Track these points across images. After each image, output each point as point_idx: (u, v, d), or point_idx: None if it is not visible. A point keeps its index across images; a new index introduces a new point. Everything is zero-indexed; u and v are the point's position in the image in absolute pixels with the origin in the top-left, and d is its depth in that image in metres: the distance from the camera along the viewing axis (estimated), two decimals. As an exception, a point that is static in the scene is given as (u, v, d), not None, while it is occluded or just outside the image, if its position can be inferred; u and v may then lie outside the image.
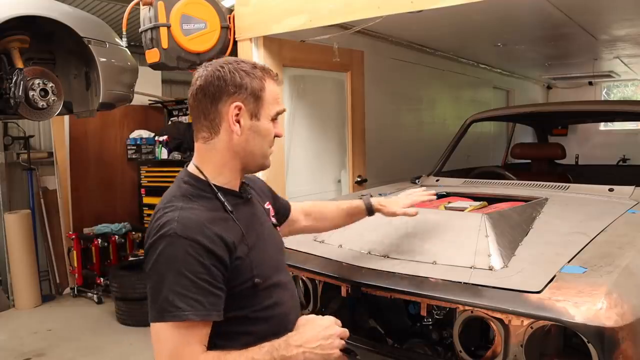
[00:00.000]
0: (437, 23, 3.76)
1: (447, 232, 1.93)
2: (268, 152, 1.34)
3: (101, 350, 4.08)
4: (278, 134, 1.35)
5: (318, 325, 1.25)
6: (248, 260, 1.25)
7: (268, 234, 1.41)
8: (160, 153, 5.58)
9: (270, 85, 1.30)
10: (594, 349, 1.38)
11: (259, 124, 1.29)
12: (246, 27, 3.09)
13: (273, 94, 1.30)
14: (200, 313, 1.13)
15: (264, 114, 1.29)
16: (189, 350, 1.13)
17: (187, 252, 1.14)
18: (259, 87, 1.27)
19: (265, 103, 1.29)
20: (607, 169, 4.70)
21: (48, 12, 2.85)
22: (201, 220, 1.18)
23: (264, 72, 1.29)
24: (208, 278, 1.15)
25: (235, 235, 1.23)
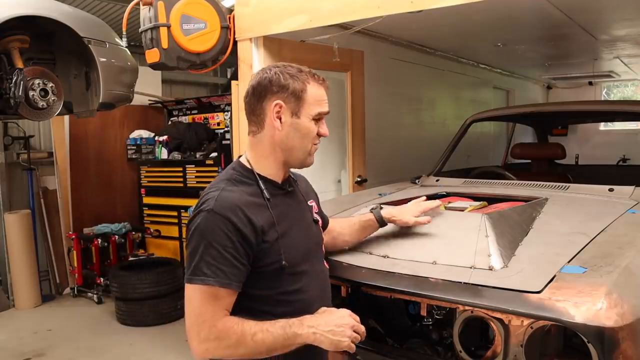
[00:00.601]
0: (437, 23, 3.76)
1: (447, 232, 1.93)
2: (309, 149, 1.45)
3: (101, 350, 4.08)
4: (322, 134, 1.46)
5: (335, 314, 1.36)
6: (277, 244, 1.37)
7: (305, 225, 1.53)
8: (160, 153, 5.59)
9: (313, 88, 1.42)
10: (594, 349, 1.38)
11: (299, 121, 1.42)
12: (246, 27, 3.09)
13: (315, 96, 1.42)
14: (222, 281, 1.29)
15: (304, 112, 1.41)
16: (211, 311, 1.28)
17: (219, 227, 1.30)
18: (300, 88, 1.40)
19: (306, 103, 1.41)
20: (607, 169, 4.70)
21: (48, 12, 2.85)
22: (236, 202, 1.34)
23: (308, 75, 1.43)
24: (233, 252, 1.30)
25: (266, 220, 1.37)
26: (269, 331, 1.28)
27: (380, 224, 1.87)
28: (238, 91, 3.16)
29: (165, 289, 4.55)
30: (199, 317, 1.29)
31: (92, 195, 5.66)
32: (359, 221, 1.87)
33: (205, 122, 5.54)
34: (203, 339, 1.29)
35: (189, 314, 1.31)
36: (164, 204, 5.59)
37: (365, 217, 1.87)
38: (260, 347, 1.28)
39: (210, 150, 5.21)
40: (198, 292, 1.30)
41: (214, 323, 1.28)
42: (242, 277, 1.33)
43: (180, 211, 5.38)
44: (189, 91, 6.78)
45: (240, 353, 1.29)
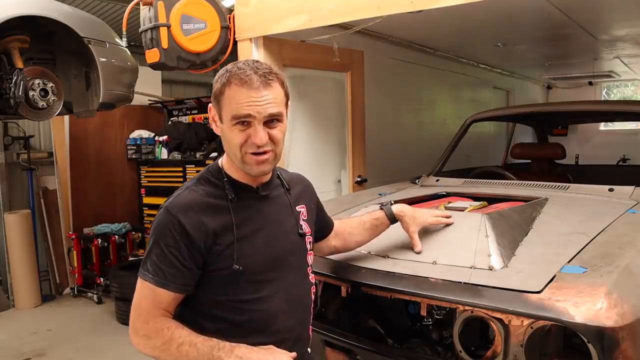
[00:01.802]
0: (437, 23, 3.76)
1: (447, 232, 1.93)
2: (242, 156, 1.30)
3: (101, 350, 4.08)
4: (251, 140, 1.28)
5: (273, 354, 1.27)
6: (231, 248, 1.31)
7: (278, 233, 1.42)
8: (160, 153, 5.59)
9: (232, 89, 1.27)
10: (594, 349, 1.38)
11: (223, 127, 1.33)
12: (246, 27, 3.09)
13: (232, 98, 1.27)
14: (159, 280, 1.27)
15: (224, 117, 1.30)
16: (147, 307, 1.28)
17: (168, 226, 1.28)
18: (219, 90, 1.30)
19: (224, 107, 1.29)
20: (607, 169, 4.70)
21: (48, 12, 2.85)
22: (191, 203, 1.31)
23: (231, 74, 1.28)
24: (176, 253, 1.27)
25: (223, 223, 1.31)
26: (196, 347, 1.22)
27: (391, 221, 1.79)
28: (238, 91, 3.16)
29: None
30: (136, 310, 1.30)
31: (92, 195, 5.66)
32: (369, 220, 1.78)
33: (205, 122, 5.54)
34: (134, 332, 1.29)
35: (133, 303, 1.32)
36: (164, 204, 5.59)
37: (376, 215, 1.79)
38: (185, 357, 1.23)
39: (210, 150, 5.21)
40: (141, 285, 1.30)
41: (147, 319, 1.28)
42: (184, 279, 1.29)
43: (180, 211, 5.38)
44: (189, 91, 6.78)
45: (165, 357, 1.26)
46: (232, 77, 1.27)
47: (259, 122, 1.27)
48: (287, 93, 1.36)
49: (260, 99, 1.26)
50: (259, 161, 1.31)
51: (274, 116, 1.30)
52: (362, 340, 1.91)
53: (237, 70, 1.28)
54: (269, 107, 1.28)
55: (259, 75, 1.27)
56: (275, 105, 1.29)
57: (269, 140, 1.30)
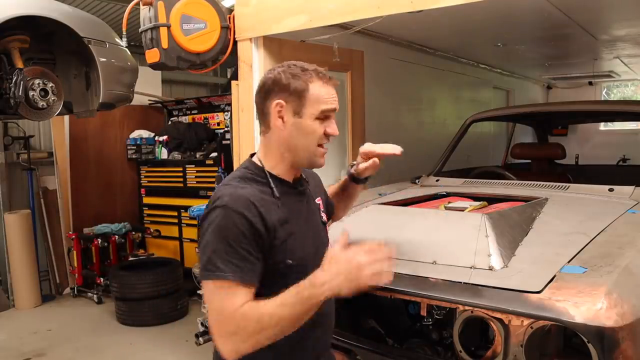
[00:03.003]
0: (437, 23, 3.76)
1: (447, 232, 1.93)
2: (313, 149, 1.42)
3: (101, 350, 4.08)
4: (329, 133, 1.42)
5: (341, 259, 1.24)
6: (286, 243, 1.36)
7: (314, 226, 1.52)
8: (160, 153, 5.59)
9: (316, 86, 1.39)
10: (594, 349, 1.38)
11: (302, 121, 1.39)
12: (246, 27, 3.09)
13: (318, 94, 1.39)
14: (238, 275, 1.26)
15: (307, 112, 1.39)
16: (230, 306, 1.25)
17: (234, 222, 1.28)
18: (302, 87, 1.38)
19: (308, 102, 1.38)
20: (607, 169, 4.70)
21: (48, 12, 2.85)
22: (250, 198, 1.33)
23: (312, 73, 1.40)
24: (247, 247, 1.29)
25: (277, 218, 1.36)
26: (285, 305, 1.23)
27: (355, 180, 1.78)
28: (238, 91, 3.16)
29: (165, 289, 4.55)
30: (219, 315, 1.26)
31: (92, 195, 5.66)
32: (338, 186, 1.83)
33: (205, 122, 5.54)
34: (224, 339, 1.26)
35: (211, 312, 1.29)
36: (164, 204, 5.59)
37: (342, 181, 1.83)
38: (283, 323, 1.24)
39: (210, 150, 5.22)
40: (216, 288, 1.27)
41: (232, 316, 1.24)
42: (257, 272, 1.31)
43: (180, 211, 5.38)
44: (189, 91, 6.78)
45: (266, 337, 1.24)
46: (313, 76, 1.39)
47: (334, 116, 1.43)
48: None
49: (335, 96, 1.43)
50: (324, 153, 1.44)
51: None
52: (362, 340, 1.91)
53: (316, 69, 1.41)
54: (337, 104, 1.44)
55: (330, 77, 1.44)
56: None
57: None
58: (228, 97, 4.84)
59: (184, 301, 4.75)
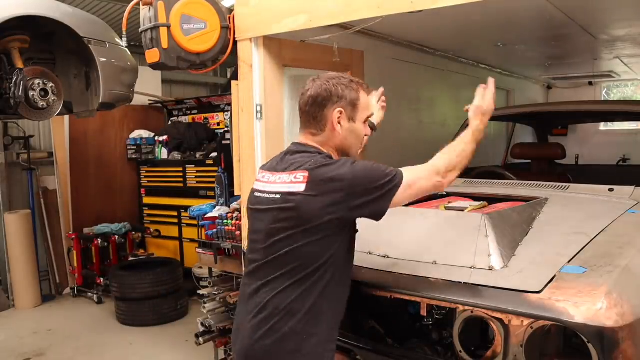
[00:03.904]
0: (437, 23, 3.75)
1: (447, 232, 1.93)
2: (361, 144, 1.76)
3: (101, 350, 4.08)
4: (368, 133, 1.77)
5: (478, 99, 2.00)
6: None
7: None
8: (160, 153, 5.59)
9: (363, 95, 1.71)
10: (594, 349, 1.38)
11: (355, 125, 1.69)
12: (246, 27, 3.08)
13: (365, 102, 1.71)
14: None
15: (358, 117, 1.69)
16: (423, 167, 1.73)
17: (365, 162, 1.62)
18: (355, 97, 1.68)
19: (360, 109, 1.69)
20: (607, 169, 4.70)
21: (48, 12, 2.84)
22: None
23: (358, 85, 1.70)
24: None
25: None
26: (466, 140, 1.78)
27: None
28: (238, 91, 3.15)
29: (165, 289, 4.55)
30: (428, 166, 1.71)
31: (92, 195, 5.66)
32: None
33: (205, 122, 5.54)
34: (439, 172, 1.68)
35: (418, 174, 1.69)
36: (164, 204, 5.59)
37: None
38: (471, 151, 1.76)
39: (210, 150, 5.21)
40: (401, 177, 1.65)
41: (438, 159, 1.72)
42: None
43: (180, 211, 5.39)
44: (189, 91, 6.78)
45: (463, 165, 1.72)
46: (360, 87, 1.70)
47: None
48: None
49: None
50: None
51: None
52: (362, 340, 1.91)
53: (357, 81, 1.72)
54: None
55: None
56: None
57: None
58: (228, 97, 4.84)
59: (184, 301, 4.75)
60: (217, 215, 3.27)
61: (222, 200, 3.83)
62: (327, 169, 1.55)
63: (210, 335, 3.31)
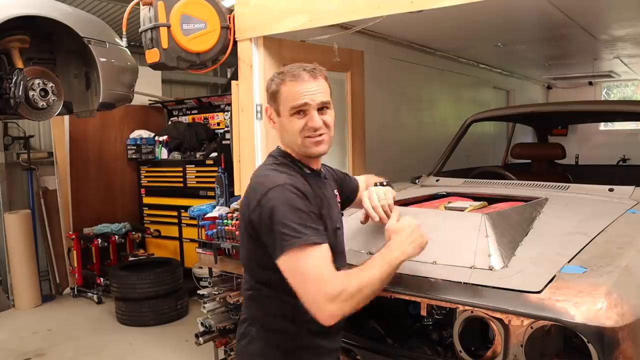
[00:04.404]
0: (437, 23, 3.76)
1: (447, 232, 1.93)
2: (302, 141, 1.53)
3: (101, 350, 4.08)
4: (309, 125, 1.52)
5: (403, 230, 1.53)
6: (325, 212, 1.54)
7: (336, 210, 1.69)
8: (160, 153, 5.59)
9: (287, 87, 1.51)
10: (594, 348, 1.38)
11: (282, 120, 1.55)
12: (246, 27, 3.09)
13: (288, 93, 1.51)
14: (320, 237, 1.38)
15: (282, 111, 1.54)
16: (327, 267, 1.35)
17: (296, 195, 1.41)
18: (275, 90, 1.54)
19: (282, 102, 1.53)
20: (607, 169, 4.70)
21: (48, 12, 2.84)
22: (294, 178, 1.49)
23: (285, 75, 1.52)
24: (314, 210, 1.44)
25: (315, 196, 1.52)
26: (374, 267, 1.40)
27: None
28: (238, 91, 3.15)
29: (165, 289, 4.55)
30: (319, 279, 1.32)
31: (92, 195, 5.66)
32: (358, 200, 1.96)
33: (205, 122, 5.55)
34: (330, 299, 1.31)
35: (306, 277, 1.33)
36: (164, 204, 5.59)
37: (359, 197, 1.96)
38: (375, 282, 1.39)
39: (210, 150, 5.22)
40: (304, 253, 1.33)
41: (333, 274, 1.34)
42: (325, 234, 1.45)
43: (180, 211, 5.39)
44: (189, 91, 6.78)
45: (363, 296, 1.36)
46: (285, 77, 1.52)
47: (313, 108, 1.51)
48: (331, 86, 1.61)
49: (312, 89, 1.51)
50: (317, 142, 1.53)
51: (324, 104, 1.54)
52: (362, 340, 1.91)
53: (289, 70, 1.53)
54: (320, 96, 1.52)
55: (307, 72, 1.51)
56: (324, 95, 1.54)
57: (323, 124, 1.54)
58: (228, 97, 4.84)
59: (184, 301, 4.76)
60: (217, 215, 3.27)
61: (222, 200, 3.83)
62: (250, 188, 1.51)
63: (210, 335, 3.31)
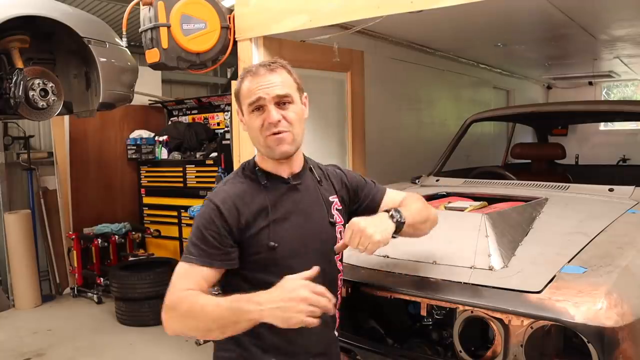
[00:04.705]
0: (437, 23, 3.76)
1: (447, 232, 1.93)
2: (265, 140, 1.44)
3: (101, 350, 4.08)
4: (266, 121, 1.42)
5: (284, 287, 1.23)
6: (266, 230, 1.42)
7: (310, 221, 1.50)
8: (160, 153, 5.59)
9: (246, 83, 1.45)
10: (594, 348, 1.38)
11: (245, 118, 1.49)
12: (246, 27, 3.09)
13: (246, 90, 1.45)
14: (203, 260, 1.37)
15: (244, 109, 1.47)
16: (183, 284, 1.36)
17: (209, 212, 1.40)
18: (237, 88, 1.49)
19: (242, 100, 1.47)
20: (607, 169, 4.70)
21: (48, 12, 2.85)
22: (229, 193, 1.44)
23: (245, 72, 1.47)
24: (215, 235, 1.38)
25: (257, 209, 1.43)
26: (219, 304, 1.26)
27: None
28: (238, 91, 3.16)
29: (165, 289, 4.45)
30: (170, 288, 1.36)
31: (92, 195, 5.65)
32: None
33: (205, 122, 5.54)
34: (164, 309, 1.34)
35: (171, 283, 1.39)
36: (164, 204, 5.59)
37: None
38: (209, 319, 1.25)
39: (210, 150, 5.21)
40: (181, 267, 1.39)
41: (177, 294, 1.34)
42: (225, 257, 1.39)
43: (180, 211, 5.38)
44: (189, 91, 6.78)
45: (191, 327, 1.30)
46: (245, 75, 1.47)
47: (269, 102, 1.42)
48: (297, 80, 1.50)
49: (267, 83, 1.42)
50: (278, 140, 1.42)
51: (283, 97, 1.43)
52: (362, 340, 1.91)
53: (249, 68, 1.48)
54: (276, 89, 1.42)
55: (263, 66, 1.46)
56: (282, 88, 1.43)
57: (284, 120, 1.42)
58: (228, 97, 4.84)
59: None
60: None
61: (222, 200, 3.82)
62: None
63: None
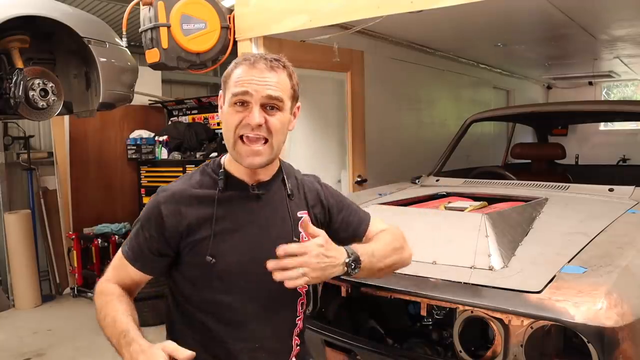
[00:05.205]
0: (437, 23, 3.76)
1: (447, 232, 1.93)
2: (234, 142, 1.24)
3: (101, 350, 4.08)
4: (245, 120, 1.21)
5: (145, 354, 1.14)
6: (207, 241, 1.25)
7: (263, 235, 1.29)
8: (160, 153, 5.59)
9: (238, 71, 1.24)
10: (594, 348, 1.38)
11: (224, 109, 1.27)
12: (246, 27, 3.09)
13: (235, 77, 1.23)
14: (130, 256, 1.33)
15: (227, 98, 1.26)
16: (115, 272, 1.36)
17: (150, 210, 1.29)
18: (227, 74, 1.27)
19: (228, 87, 1.25)
20: (607, 169, 4.70)
21: (48, 12, 2.85)
22: (176, 193, 1.29)
23: (243, 59, 1.26)
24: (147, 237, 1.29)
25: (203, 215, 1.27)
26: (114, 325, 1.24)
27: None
28: (238, 91, 3.16)
29: (165, 288, 4.54)
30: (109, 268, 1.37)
31: (92, 195, 5.65)
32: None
33: (205, 122, 5.54)
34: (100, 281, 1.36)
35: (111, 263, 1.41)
36: (164, 204, 5.59)
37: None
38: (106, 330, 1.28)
39: (210, 150, 5.21)
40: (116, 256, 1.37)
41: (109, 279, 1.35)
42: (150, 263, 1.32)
43: (180, 211, 5.38)
44: (189, 91, 6.78)
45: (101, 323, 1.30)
46: (241, 61, 1.25)
47: (256, 102, 1.21)
48: (295, 87, 1.30)
49: (261, 79, 1.21)
50: (252, 151, 1.23)
51: (273, 100, 1.22)
52: (362, 340, 1.91)
53: (248, 56, 1.26)
54: (268, 89, 1.21)
55: (266, 60, 1.24)
56: (276, 90, 1.23)
57: (265, 126, 1.22)
58: (228, 97, 4.82)
59: (184, 301, 4.75)
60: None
61: (222, 200, 3.83)
62: None
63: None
